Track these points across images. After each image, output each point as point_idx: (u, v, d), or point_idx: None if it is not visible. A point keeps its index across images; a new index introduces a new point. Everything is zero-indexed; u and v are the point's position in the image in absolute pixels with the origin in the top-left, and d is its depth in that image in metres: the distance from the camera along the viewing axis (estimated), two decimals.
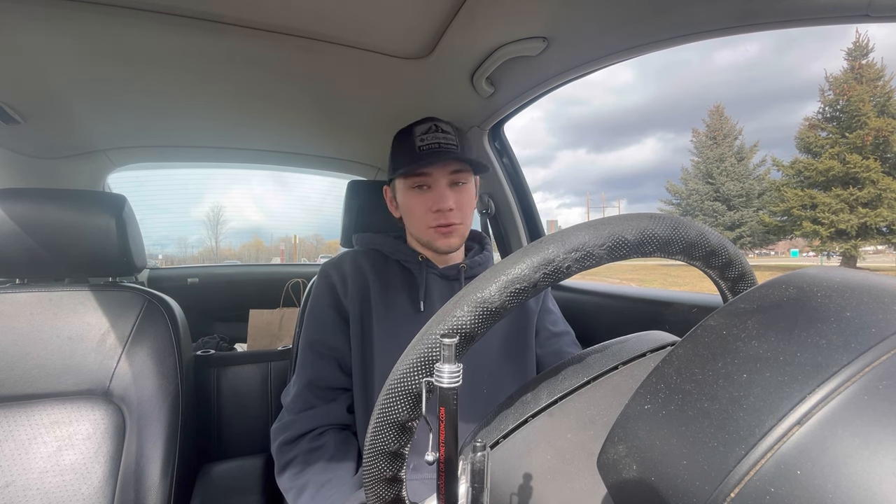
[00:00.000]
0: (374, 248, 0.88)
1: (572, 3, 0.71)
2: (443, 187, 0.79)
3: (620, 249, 0.30)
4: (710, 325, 0.26)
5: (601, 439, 0.27)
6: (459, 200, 0.80)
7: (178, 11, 0.75)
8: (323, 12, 0.76)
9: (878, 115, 18.98)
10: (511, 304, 0.29)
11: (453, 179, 0.80)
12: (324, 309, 0.82)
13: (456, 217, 0.79)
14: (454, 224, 0.80)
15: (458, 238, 0.81)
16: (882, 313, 0.21)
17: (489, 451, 0.28)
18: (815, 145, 20.29)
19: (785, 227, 21.39)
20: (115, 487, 0.81)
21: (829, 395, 0.19)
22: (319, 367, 0.80)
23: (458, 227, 0.80)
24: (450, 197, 0.78)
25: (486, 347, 0.80)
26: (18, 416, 0.82)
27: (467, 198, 0.81)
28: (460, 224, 0.80)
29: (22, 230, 0.86)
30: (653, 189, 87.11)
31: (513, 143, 1.32)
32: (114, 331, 0.90)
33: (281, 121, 1.28)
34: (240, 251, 36.42)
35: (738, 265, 0.35)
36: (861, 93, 19.08)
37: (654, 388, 0.25)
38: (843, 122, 19.79)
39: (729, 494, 0.19)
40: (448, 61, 0.91)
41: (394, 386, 0.29)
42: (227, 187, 37.29)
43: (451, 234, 0.80)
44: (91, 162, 1.44)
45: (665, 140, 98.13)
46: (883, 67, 19.68)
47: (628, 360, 0.37)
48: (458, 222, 0.80)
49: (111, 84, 0.99)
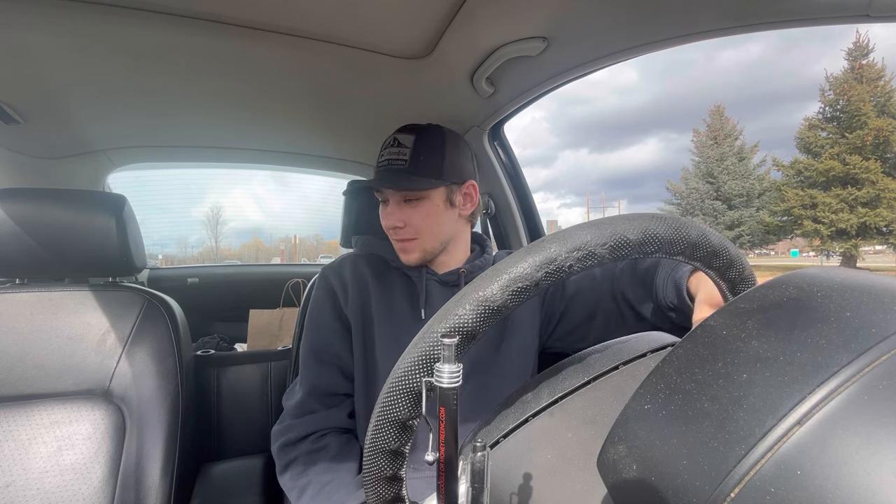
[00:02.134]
0: (374, 253, 0.88)
1: (572, 3, 0.71)
2: (394, 204, 0.78)
3: (622, 249, 0.30)
4: (710, 325, 0.26)
5: (601, 439, 0.27)
6: (412, 217, 0.78)
7: (178, 11, 0.75)
8: (323, 12, 0.76)
9: (879, 115, 18.98)
10: (513, 303, 0.29)
11: (405, 196, 0.78)
12: (325, 316, 0.82)
13: (408, 233, 0.78)
14: (407, 240, 0.79)
15: (418, 253, 0.80)
16: (882, 313, 0.21)
17: (489, 451, 0.28)
18: (816, 145, 20.28)
19: (785, 227, 21.40)
20: (115, 487, 0.81)
21: (829, 394, 0.19)
22: (322, 373, 0.80)
23: (413, 243, 0.79)
24: (398, 214, 0.77)
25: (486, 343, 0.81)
26: (18, 416, 0.82)
27: (421, 214, 0.78)
28: (414, 239, 0.79)
29: (22, 230, 0.86)
30: (654, 189, 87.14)
31: (515, 143, 1.32)
32: (114, 331, 0.90)
33: (281, 121, 1.28)
34: (240, 251, 36.41)
35: (739, 266, 0.35)
36: (861, 93, 19.07)
37: (654, 387, 0.25)
38: (843, 123, 19.78)
39: (729, 494, 0.19)
40: (448, 61, 0.91)
41: (395, 384, 0.29)
42: (227, 187, 37.24)
43: (406, 250, 0.80)
44: (91, 162, 1.44)
45: (668, 140, 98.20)
46: (883, 67, 19.67)
47: (629, 360, 0.37)
48: (411, 237, 0.78)
49: (111, 84, 0.99)
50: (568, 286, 0.85)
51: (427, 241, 0.79)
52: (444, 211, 0.80)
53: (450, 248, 0.83)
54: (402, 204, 0.78)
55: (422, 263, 0.82)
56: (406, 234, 0.78)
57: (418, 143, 0.77)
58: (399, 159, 0.77)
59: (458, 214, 0.82)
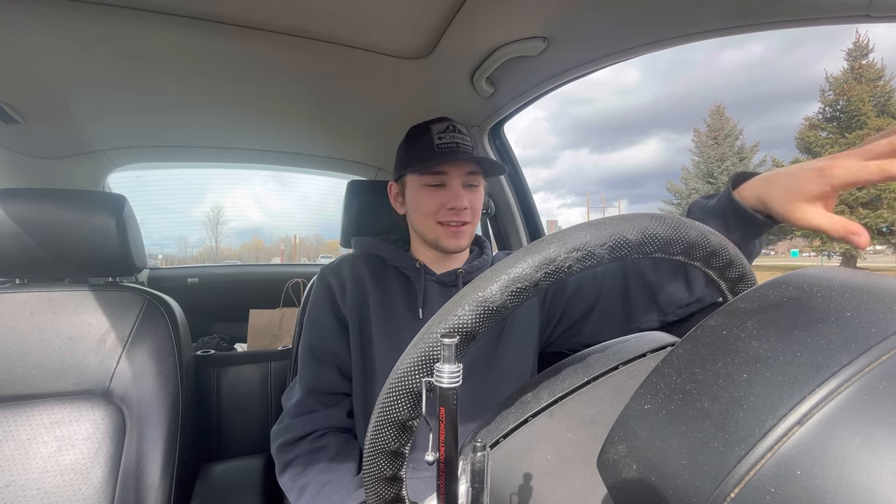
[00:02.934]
0: (372, 253, 0.88)
1: (572, 3, 0.71)
2: (457, 186, 0.80)
3: (622, 249, 0.30)
4: (710, 325, 0.26)
5: (601, 439, 0.27)
6: (473, 201, 0.81)
7: (178, 11, 0.75)
8: (323, 12, 0.76)
9: (879, 115, 18.98)
10: (512, 304, 0.29)
11: (468, 181, 0.80)
12: (323, 315, 0.82)
13: (468, 216, 0.80)
14: (466, 223, 0.80)
15: (467, 239, 0.82)
16: (882, 313, 0.21)
17: (489, 451, 0.28)
18: (816, 145, 20.27)
19: (785, 227, 21.36)
20: (115, 487, 0.81)
21: (829, 395, 0.19)
22: (320, 373, 0.80)
23: (468, 228, 0.81)
24: (464, 196, 0.79)
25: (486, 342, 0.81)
26: (18, 416, 0.82)
27: (478, 200, 0.82)
28: (470, 224, 0.81)
29: (22, 230, 0.86)
30: (654, 189, 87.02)
31: (516, 143, 1.32)
32: (114, 331, 0.90)
33: (281, 120, 1.28)
34: (240, 251, 36.41)
35: (739, 266, 0.35)
36: (861, 92, 19.07)
37: (654, 387, 0.25)
38: (843, 122, 19.78)
39: (729, 494, 0.19)
40: (448, 61, 0.91)
41: (395, 384, 0.29)
42: (227, 187, 37.25)
43: (460, 234, 0.81)
44: (91, 162, 1.44)
45: (669, 140, 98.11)
46: (883, 67, 19.68)
47: (629, 360, 0.37)
48: (470, 221, 0.81)
49: (111, 84, 0.99)
50: (568, 286, 0.85)
51: (475, 228, 0.83)
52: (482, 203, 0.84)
53: None
54: (463, 188, 0.81)
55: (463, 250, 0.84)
56: (467, 216, 0.80)
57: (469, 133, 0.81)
58: (466, 143, 0.79)
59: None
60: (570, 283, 0.85)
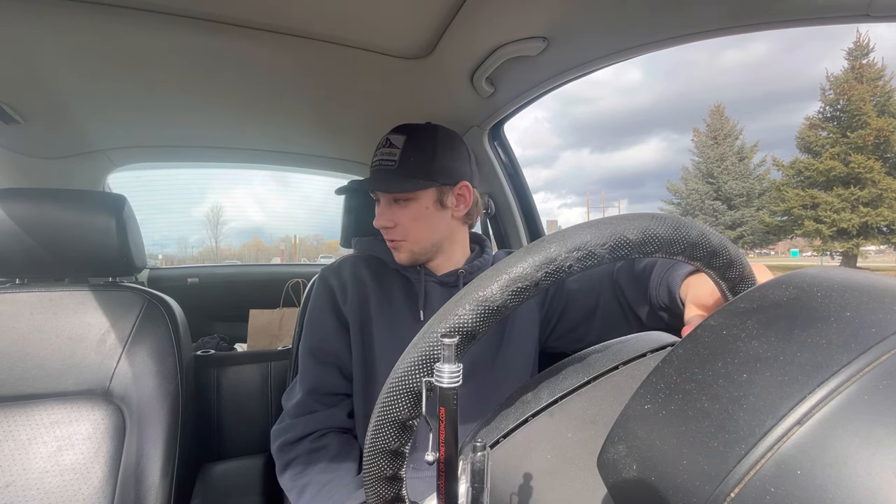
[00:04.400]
0: (373, 255, 0.88)
1: (572, 3, 0.71)
2: (384, 205, 0.79)
3: (622, 249, 0.30)
4: (710, 325, 0.26)
5: (601, 439, 0.27)
6: (401, 218, 0.78)
7: (178, 11, 0.75)
8: (323, 12, 0.76)
9: (879, 115, 18.98)
10: (512, 304, 0.29)
11: (394, 197, 0.79)
12: (323, 316, 0.82)
13: (397, 234, 0.79)
14: (396, 241, 0.80)
15: (406, 254, 0.80)
16: (882, 313, 0.21)
17: (489, 451, 0.28)
18: (816, 145, 20.28)
19: (785, 227, 21.40)
20: (115, 487, 0.81)
21: (829, 394, 0.19)
22: (321, 373, 0.80)
23: (401, 244, 0.80)
24: (388, 214, 0.78)
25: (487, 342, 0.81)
26: (18, 416, 0.82)
27: (410, 215, 0.78)
28: (403, 241, 0.79)
29: (22, 230, 0.86)
30: (655, 189, 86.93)
31: (517, 144, 1.33)
32: (114, 331, 0.90)
33: (281, 120, 1.28)
34: (240, 251, 36.42)
35: (739, 266, 0.35)
36: (861, 92, 19.07)
37: (654, 387, 0.25)
38: (843, 122, 19.79)
39: (729, 494, 0.19)
40: (448, 61, 0.91)
41: (395, 384, 0.29)
42: (227, 187, 37.25)
43: (397, 250, 0.81)
44: (91, 162, 1.44)
45: (670, 140, 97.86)
46: (883, 67, 19.67)
47: (629, 360, 0.37)
48: (400, 238, 0.79)
49: (111, 84, 0.99)
50: (568, 286, 0.84)
51: (416, 242, 0.80)
52: (434, 212, 0.79)
53: (446, 249, 0.83)
54: (392, 204, 0.79)
55: (413, 263, 0.82)
56: (395, 234, 0.79)
57: (408, 144, 0.77)
58: (389, 160, 0.77)
59: (452, 216, 0.82)
60: (570, 283, 0.84)
